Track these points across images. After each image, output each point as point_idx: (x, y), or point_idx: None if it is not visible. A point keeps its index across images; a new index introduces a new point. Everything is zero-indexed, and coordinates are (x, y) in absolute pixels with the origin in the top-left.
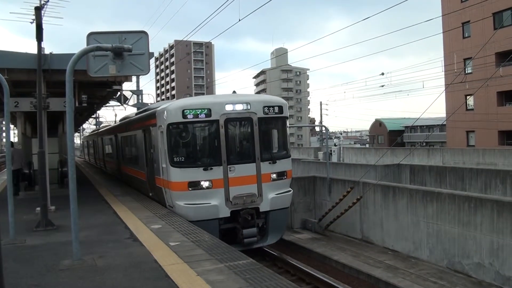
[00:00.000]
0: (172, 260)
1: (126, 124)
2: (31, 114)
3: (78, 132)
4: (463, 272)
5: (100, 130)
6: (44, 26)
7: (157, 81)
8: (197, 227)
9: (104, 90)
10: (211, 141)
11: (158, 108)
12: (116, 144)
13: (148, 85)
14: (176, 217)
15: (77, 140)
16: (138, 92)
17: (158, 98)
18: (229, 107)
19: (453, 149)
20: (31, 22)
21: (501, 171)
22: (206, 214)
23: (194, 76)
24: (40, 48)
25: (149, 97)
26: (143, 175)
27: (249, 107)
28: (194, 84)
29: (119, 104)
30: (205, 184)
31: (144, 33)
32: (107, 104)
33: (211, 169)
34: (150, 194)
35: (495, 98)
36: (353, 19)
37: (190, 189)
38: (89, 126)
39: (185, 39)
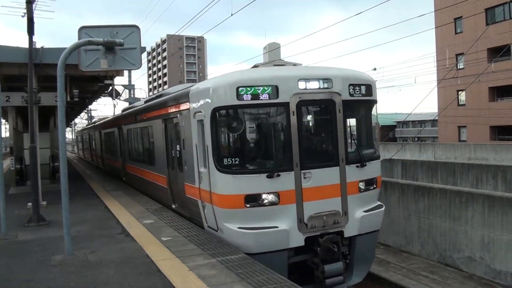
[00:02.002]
0: (164, 255)
1: (135, 114)
2: (22, 109)
3: (70, 127)
4: (454, 266)
5: (98, 123)
6: (35, 19)
7: (149, 75)
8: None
9: (96, 85)
10: (278, 135)
11: (193, 88)
12: (120, 139)
13: (140, 79)
14: (168, 212)
15: (69, 135)
16: (130, 87)
17: (150, 93)
18: (303, 85)
19: (445, 144)
20: (23, 16)
21: (492, 166)
22: (271, 244)
23: (187, 71)
24: (31, 42)
25: (141, 91)
26: (163, 179)
27: (330, 85)
28: (187, 79)
29: (117, 96)
30: (269, 198)
31: (136, 27)
32: (104, 93)
33: (278, 175)
34: (174, 206)
35: (487, 94)
36: (346, 12)
37: (247, 205)
38: (80, 121)
39: (177, 34)
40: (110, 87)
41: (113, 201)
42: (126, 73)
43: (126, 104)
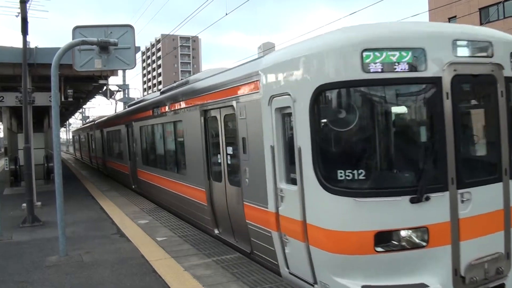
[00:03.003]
0: (159, 255)
1: (152, 106)
2: (16, 109)
3: (64, 127)
4: None
5: (99, 120)
6: (29, 19)
7: (143, 75)
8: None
9: (90, 85)
10: (421, 131)
11: (270, 58)
12: (129, 138)
13: (134, 79)
14: (164, 212)
15: (63, 135)
16: (124, 87)
17: (145, 93)
18: (459, 50)
19: None
20: (16, 16)
21: None
22: None
23: (181, 71)
24: (25, 42)
25: (136, 91)
26: (200, 194)
27: (490, 53)
28: (181, 79)
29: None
30: (413, 236)
31: (130, 26)
32: (99, 93)
33: (427, 199)
34: (217, 231)
35: None
36: (340, 10)
37: (378, 249)
38: (75, 121)
39: (171, 33)
40: (105, 87)
41: (108, 202)
42: (120, 72)
43: (121, 104)
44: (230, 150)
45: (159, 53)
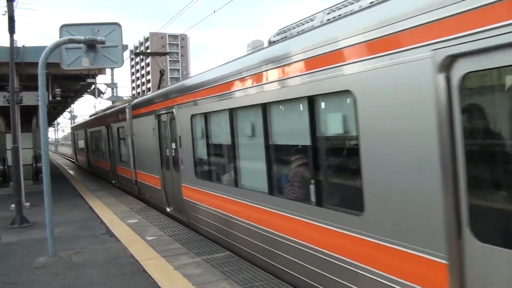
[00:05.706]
0: (149, 254)
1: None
2: (4, 109)
3: (53, 126)
4: None
5: (116, 108)
6: (16, 17)
7: (132, 74)
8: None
9: (78, 83)
10: None
11: None
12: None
13: (123, 77)
14: (153, 211)
15: (52, 135)
16: (112, 85)
17: (134, 92)
18: None
19: None
20: (3, 14)
21: None
22: None
23: (170, 69)
24: (12, 40)
25: (124, 90)
26: None
27: None
28: (170, 77)
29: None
30: None
31: (117, 24)
32: (87, 92)
33: None
34: None
35: None
36: (324, 3)
37: None
38: (63, 121)
39: (160, 32)
40: (93, 86)
41: (96, 201)
42: (108, 71)
43: (109, 103)
44: None
45: (148, 51)
